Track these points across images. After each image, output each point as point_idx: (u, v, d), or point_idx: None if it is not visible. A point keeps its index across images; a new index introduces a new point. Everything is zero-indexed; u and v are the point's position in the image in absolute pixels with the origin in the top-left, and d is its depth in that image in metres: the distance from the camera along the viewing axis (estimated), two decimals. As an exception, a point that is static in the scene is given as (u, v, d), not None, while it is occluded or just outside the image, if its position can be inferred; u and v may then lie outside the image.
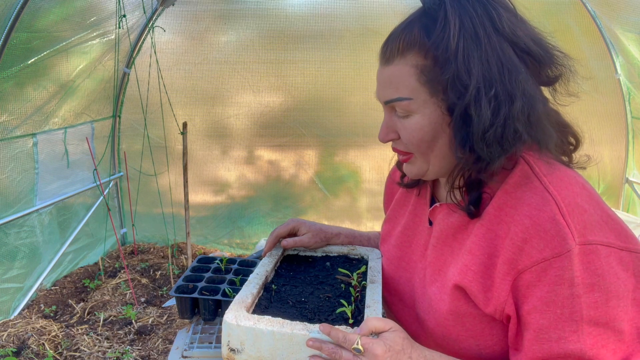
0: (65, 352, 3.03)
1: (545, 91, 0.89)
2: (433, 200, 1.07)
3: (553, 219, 0.78)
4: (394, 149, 0.97)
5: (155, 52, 3.84)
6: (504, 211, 0.85)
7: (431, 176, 0.96)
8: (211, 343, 1.36)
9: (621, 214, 3.94)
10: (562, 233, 0.77)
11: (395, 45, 0.87)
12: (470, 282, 0.87)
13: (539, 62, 0.85)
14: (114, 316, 3.45)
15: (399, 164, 1.17)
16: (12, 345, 2.99)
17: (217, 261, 1.57)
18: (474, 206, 0.89)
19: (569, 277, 0.76)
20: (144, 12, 3.87)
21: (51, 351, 2.99)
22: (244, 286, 1.01)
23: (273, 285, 1.08)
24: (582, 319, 0.76)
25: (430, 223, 1.04)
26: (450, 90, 0.82)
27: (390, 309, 1.14)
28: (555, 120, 0.89)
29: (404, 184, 1.14)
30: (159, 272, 4.19)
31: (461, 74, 0.80)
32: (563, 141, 0.91)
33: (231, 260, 1.58)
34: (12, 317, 3.30)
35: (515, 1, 0.90)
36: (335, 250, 1.29)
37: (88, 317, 3.46)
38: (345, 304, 0.93)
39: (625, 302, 0.77)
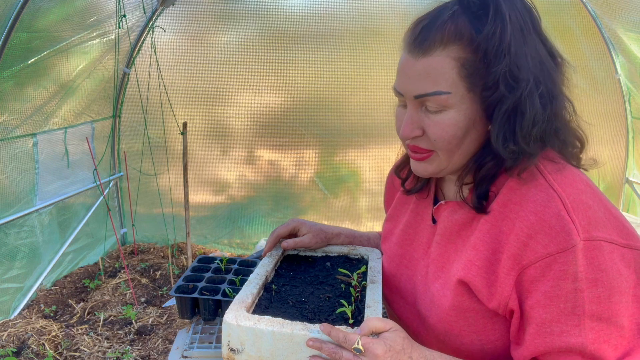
0: (65, 352, 3.03)
1: None
2: (435, 200, 1.07)
3: (558, 215, 0.79)
4: (413, 147, 0.92)
5: (155, 52, 3.84)
6: (509, 208, 0.86)
7: (445, 173, 0.95)
8: (211, 343, 1.36)
9: (621, 214, 3.94)
10: (567, 229, 0.77)
11: (437, 36, 0.82)
12: (474, 277, 0.87)
13: (557, 64, 0.87)
14: (114, 316, 3.45)
15: (397, 170, 1.17)
16: (12, 345, 2.99)
17: (217, 261, 1.57)
18: (484, 199, 0.90)
19: (572, 272, 0.77)
20: (144, 12, 3.87)
21: (51, 351, 2.99)
22: (244, 286, 1.01)
23: (273, 286, 1.08)
24: (584, 314, 0.77)
25: (434, 221, 1.04)
26: (502, 83, 0.81)
27: (392, 307, 1.14)
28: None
29: (408, 191, 1.13)
30: (159, 272, 4.19)
31: (514, 68, 0.80)
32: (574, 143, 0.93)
33: (231, 260, 1.58)
34: (12, 317, 3.30)
35: None
36: (335, 250, 1.29)
37: (88, 317, 3.46)
38: (346, 304, 0.93)
39: (627, 298, 0.78)
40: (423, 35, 0.84)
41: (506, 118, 0.83)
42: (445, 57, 0.82)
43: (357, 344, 0.79)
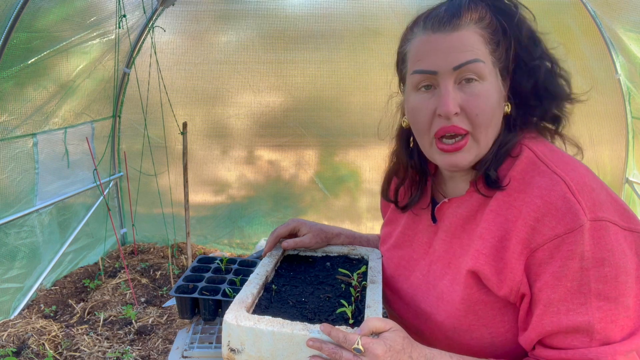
0: (65, 352, 3.03)
1: None
2: (434, 202, 1.08)
3: (564, 197, 0.80)
4: (450, 128, 0.89)
5: (155, 52, 3.84)
6: (513, 196, 0.88)
7: (477, 159, 0.93)
8: (211, 343, 1.36)
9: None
10: (574, 209, 0.79)
11: (464, 14, 0.89)
12: (483, 266, 0.88)
13: None
14: (114, 316, 3.45)
15: (384, 195, 1.18)
16: (12, 345, 2.99)
17: (217, 261, 1.57)
18: (497, 177, 0.91)
19: (579, 251, 0.78)
20: (144, 12, 3.87)
21: (51, 351, 2.99)
22: (244, 286, 1.01)
23: (273, 286, 1.08)
24: (591, 292, 0.78)
25: (434, 221, 1.05)
26: (532, 45, 0.92)
27: (392, 308, 1.14)
28: None
29: (403, 208, 1.14)
30: (159, 272, 4.19)
31: (543, 40, 0.93)
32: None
33: (231, 260, 1.57)
34: (12, 317, 3.30)
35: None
36: (335, 250, 1.29)
37: (88, 317, 3.46)
38: (346, 304, 0.93)
39: (632, 279, 0.80)
40: (449, 15, 0.88)
41: (527, 76, 0.93)
42: (473, 32, 0.88)
43: (357, 344, 0.79)
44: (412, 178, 1.11)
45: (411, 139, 1.06)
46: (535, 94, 0.93)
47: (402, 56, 0.98)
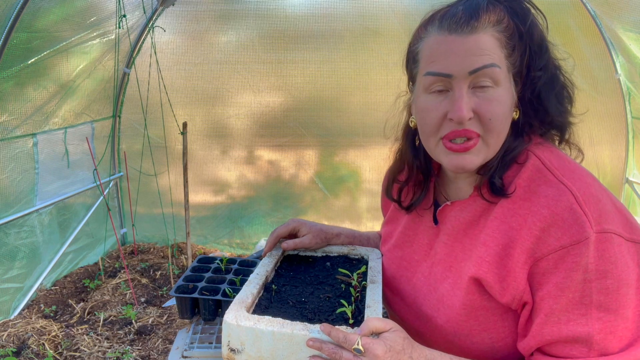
0: (65, 352, 3.02)
1: None
2: (435, 203, 1.08)
3: (570, 208, 0.80)
4: (462, 132, 0.87)
5: (155, 52, 3.84)
6: (518, 204, 0.87)
7: (484, 163, 0.92)
8: (211, 343, 1.36)
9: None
10: (581, 221, 0.79)
11: (482, 16, 0.86)
12: (485, 273, 0.88)
13: None
14: (114, 316, 3.45)
15: (387, 194, 1.17)
16: (12, 345, 2.99)
17: (217, 261, 1.57)
18: (502, 185, 0.91)
19: (584, 263, 0.78)
20: (144, 12, 3.87)
21: (51, 351, 2.99)
22: (244, 286, 1.01)
23: (273, 286, 1.08)
24: (592, 304, 0.78)
25: (436, 222, 1.04)
26: (551, 63, 0.91)
27: (393, 308, 1.14)
28: None
29: (407, 208, 1.12)
30: (159, 272, 4.19)
31: (552, 49, 0.92)
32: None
33: (231, 260, 1.57)
34: (12, 317, 3.30)
35: None
36: (335, 250, 1.29)
37: (88, 317, 3.46)
38: (346, 304, 0.93)
39: (633, 291, 0.80)
40: (467, 16, 0.86)
41: (559, 88, 0.93)
42: (490, 35, 0.86)
43: (357, 344, 0.79)
44: (416, 178, 1.10)
45: (416, 137, 1.04)
46: (531, 104, 0.92)
47: (414, 55, 0.95)
